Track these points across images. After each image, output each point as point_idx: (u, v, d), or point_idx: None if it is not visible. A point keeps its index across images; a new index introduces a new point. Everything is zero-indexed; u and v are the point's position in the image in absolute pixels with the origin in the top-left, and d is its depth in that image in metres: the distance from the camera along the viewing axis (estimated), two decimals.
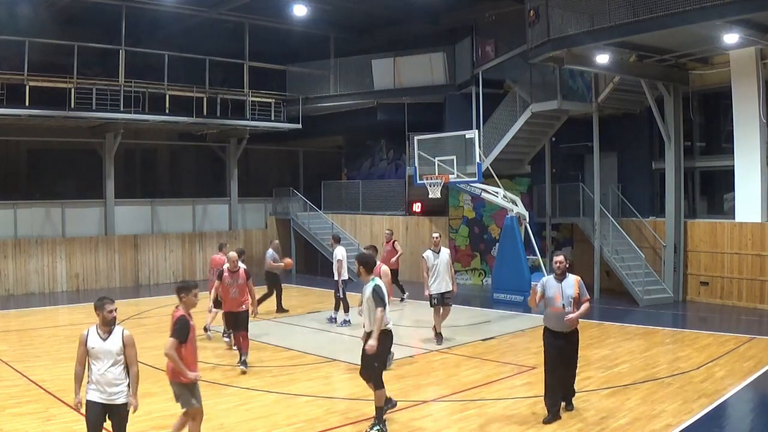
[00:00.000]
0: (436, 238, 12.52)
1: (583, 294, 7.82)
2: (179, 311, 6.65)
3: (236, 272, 10.28)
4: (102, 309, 6.06)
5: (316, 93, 23.29)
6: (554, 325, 7.82)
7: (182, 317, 6.60)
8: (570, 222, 19.71)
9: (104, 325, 5.99)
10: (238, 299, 10.22)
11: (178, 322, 6.58)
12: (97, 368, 5.80)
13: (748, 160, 15.26)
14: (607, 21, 13.56)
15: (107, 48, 20.31)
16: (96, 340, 5.90)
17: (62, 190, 21.57)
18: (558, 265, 7.85)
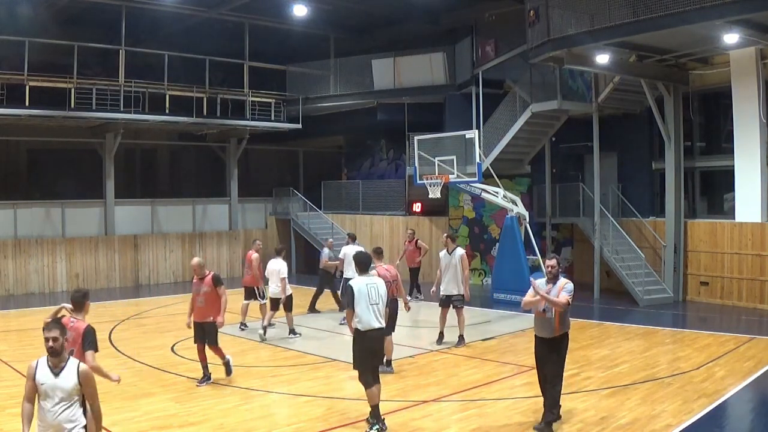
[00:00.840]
0: (445, 238, 12.48)
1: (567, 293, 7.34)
2: (82, 322, 6.07)
3: (202, 279, 9.37)
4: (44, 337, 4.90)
5: (316, 93, 23.29)
6: (538, 330, 7.60)
7: (90, 327, 6.07)
8: (570, 222, 19.71)
9: (50, 356, 4.88)
10: (204, 308, 9.28)
11: (90, 333, 5.99)
12: (47, 407, 4.85)
13: (748, 160, 15.26)
14: (607, 21, 13.56)
15: (107, 48, 20.31)
16: (46, 375, 4.87)
17: (62, 190, 21.55)
18: (549, 269, 7.54)
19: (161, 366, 10.34)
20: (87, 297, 6.30)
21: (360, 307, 7.42)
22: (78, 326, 5.98)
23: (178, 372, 9.93)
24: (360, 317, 7.43)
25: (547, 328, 7.42)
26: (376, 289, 7.54)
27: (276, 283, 12.54)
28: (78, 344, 5.86)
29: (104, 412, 7.88)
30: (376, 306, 7.50)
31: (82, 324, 6.01)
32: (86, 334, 5.92)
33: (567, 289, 7.33)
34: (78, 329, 5.94)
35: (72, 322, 6.00)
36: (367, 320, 7.43)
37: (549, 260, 7.70)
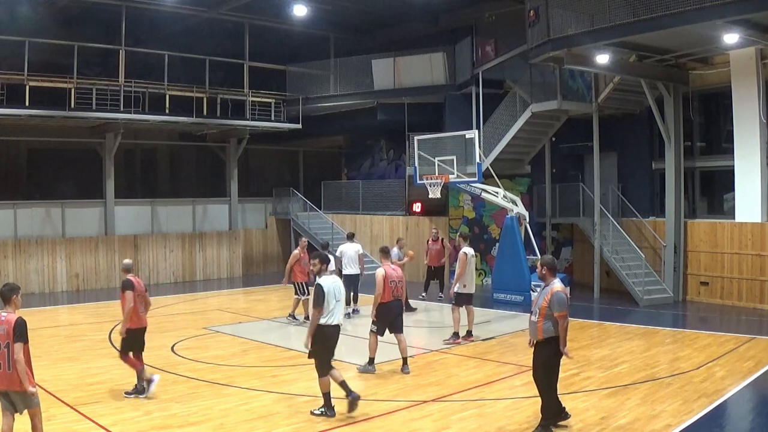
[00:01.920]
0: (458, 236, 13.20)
1: (557, 309, 7.05)
2: (14, 314, 6.08)
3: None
4: None
5: (316, 93, 23.28)
6: (528, 332, 7.58)
7: (21, 319, 6.08)
8: (570, 222, 19.72)
9: None
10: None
11: (21, 324, 6.02)
12: None
13: (748, 160, 15.27)
14: (607, 21, 13.57)
15: (107, 48, 20.32)
16: None
17: (62, 190, 21.57)
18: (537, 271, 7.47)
19: (161, 366, 10.34)
20: (14, 291, 6.24)
21: (330, 304, 7.86)
22: (10, 318, 6.05)
23: (178, 372, 9.93)
24: (332, 313, 7.87)
25: (532, 330, 7.39)
26: (339, 288, 8.06)
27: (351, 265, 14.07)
28: (11, 336, 5.97)
29: (104, 412, 7.95)
30: (340, 303, 8.01)
31: (13, 316, 6.07)
32: (17, 326, 6.01)
33: (556, 299, 7.06)
34: (10, 322, 6.02)
35: (2, 317, 6.07)
36: (336, 317, 7.95)
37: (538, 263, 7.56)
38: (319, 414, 7.88)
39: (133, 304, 8.54)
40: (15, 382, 6.00)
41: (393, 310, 9.97)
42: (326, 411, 7.88)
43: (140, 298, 8.70)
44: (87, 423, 7.60)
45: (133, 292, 8.56)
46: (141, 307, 8.71)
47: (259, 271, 24.54)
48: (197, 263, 22.43)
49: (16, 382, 5.99)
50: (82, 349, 11.68)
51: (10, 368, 5.95)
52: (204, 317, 15.39)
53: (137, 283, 8.74)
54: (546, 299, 7.16)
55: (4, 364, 5.97)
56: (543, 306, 7.17)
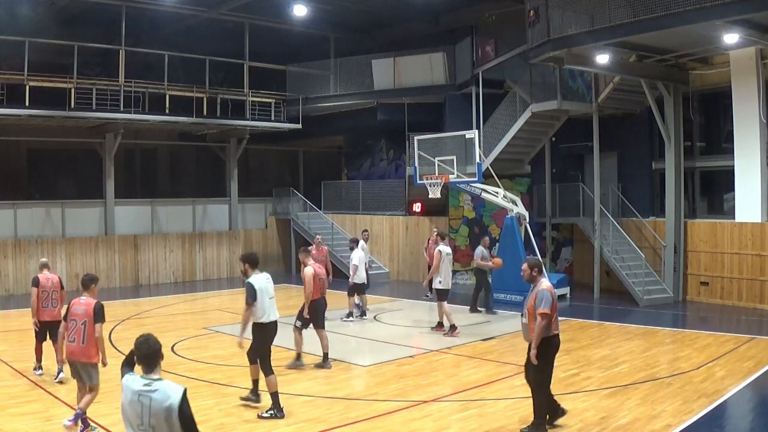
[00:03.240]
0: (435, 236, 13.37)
1: (538, 305, 7.04)
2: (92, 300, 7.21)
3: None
4: None
5: (316, 93, 23.28)
6: (523, 335, 7.56)
7: (99, 303, 7.22)
8: (570, 222, 19.72)
9: None
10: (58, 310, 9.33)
11: (100, 308, 7.16)
12: None
13: (748, 160, 15.27)
14: (607, 21, 13.57)
15: (107, 48, 20.31)
16: None
17: (62, 190, 21.57)
18: (522, 273, 7.40)
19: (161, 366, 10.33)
20: (93, 281, 7.40)
21: (264, 302, 8.06)
22: (88, 302, 7.18)
23: (178, 372, 9.92)
24: (265, 311, 8.08)
25: (524, 332, 7.38)
26: (271, 286, 8.30)
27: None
28: (89, 317, 7.08)
29: (104, 412, 7.95)
30: (273, 300, 8.26)
31: (92, 301, 7.18)
32: (96, 309, 7.12)
33: (542, 298, 7.04)
34: (89, 305, 7.15)
35: (81, 300, 7.22)
36: (271, 313, 8.17)
37: (523, 264, 7.47)
38: (268, 417, 7.75)
39: (34, 298, 9.38)
40: (85, 354, 7.12)
41: (321, 307, 10.35)
42: (275, 413, 7.78)
43: (45, 293, 9.41)
44: None
45: (38, 288, 9.39)
46: (47, 302, 9.42)
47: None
48: (197, 263, 22.43)
49: (85, 355, 7.12)
50: None
51: (83, 342, 7.09)
52: (204, 317, 15.39)
53: (44, 279, 9.51)
54: (532, 298, 7.16)
55: (79, 338, 7.11)
56: (531, 306, 7.16)
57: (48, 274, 9.69)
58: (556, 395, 8.72)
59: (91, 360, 7.17)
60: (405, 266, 21.25)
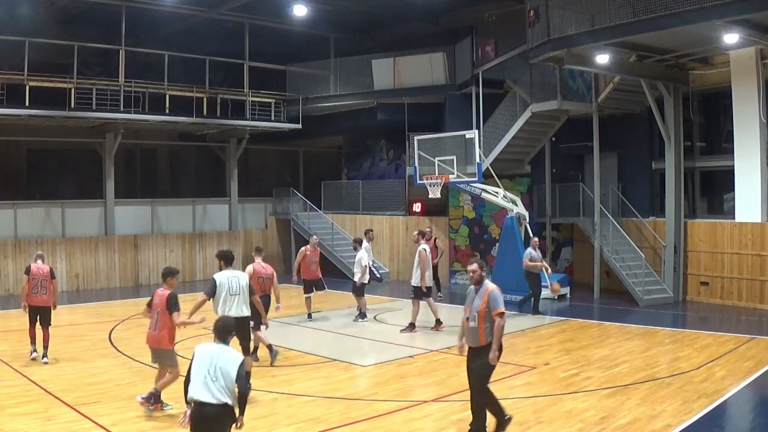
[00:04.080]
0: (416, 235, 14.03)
1: (494, 306, 6.90)
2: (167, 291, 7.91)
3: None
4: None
5: (316, 93, 23.27)
6: (466, 339, 7.25)
7: (173, 294, 7.91)
8: (570, 222, 19.71)
9: None
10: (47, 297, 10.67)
11: (173, 297, 7.83)
12: None
13: (748, 160, 15.26)
14: (607, 21, 13.57)
15: (107, 48, 20.31)
16: None
17: (62, 190, 21.54)
18: (471, 274, 7.20)
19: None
20: (171, 275, 8.14)
21: (222, 297, 8.61)
22: (164, 293, 7.89)
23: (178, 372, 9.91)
24: (222, 306, 8.59)
25: (472, 336, 7.11)
26: (238, 283, 8.77)
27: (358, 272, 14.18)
28: (163, 307, 7.80)
29: (104, 412, 7.96)
30: (238, 297, 8.73)
31: (167, 293, 7.88)
32: (169, 300, 7.80)
33: (494, 298, 6.92)
34: (164, 296, 7.85)
35: (159, 291, 7.99)
36: (229, 309, 8.60)
37: (470, 265, 7.25)
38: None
39: (24, 284, 10.58)
40: (157, 341, 7.87)
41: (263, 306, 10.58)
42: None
43: (34, 281, 10.47)
44: (87, 423, 7.60)
45: (28, 276, 10.51)
46: (36, 289, 10.48)
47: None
48: (197, 263, 22.42)
49: (157, 341, 7.86)
50: (82, 349, 11.69)
51: (155, 329, 7.85)
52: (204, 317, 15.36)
53: (36, 269, 10.60)
54: (483, 300, 6.95)
55: (153, 325, 7.88)
56: (482, 308, 6.95)
57: (40, 264, 10.78)
58: (557, 395, 8.74)
59: (160, 345, 7.87)
60: (405, 266, 21.20)
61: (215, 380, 5.40)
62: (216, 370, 5.45)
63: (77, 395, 8.67)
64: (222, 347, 5.71)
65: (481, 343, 7.02)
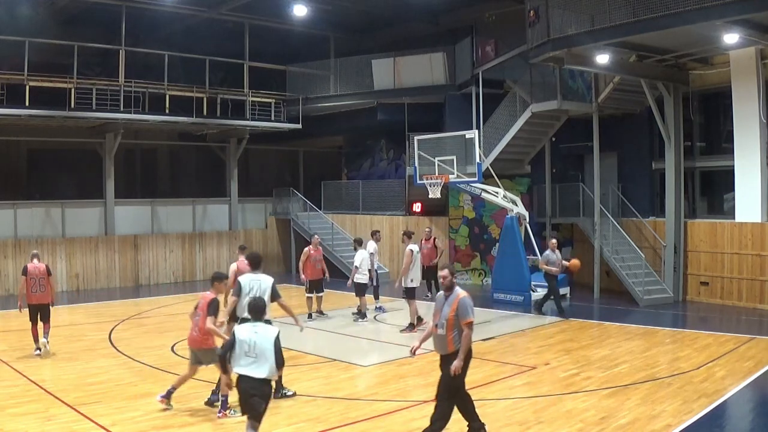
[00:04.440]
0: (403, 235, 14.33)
1: (463, 315, 6.72)
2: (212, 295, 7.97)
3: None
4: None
5: (316, 93, 23.27)
6: (434, 346, 7.10)
7: (216, 299, 7.95)
8: (570, 222, 19.71)
9: None
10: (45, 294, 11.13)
11: (214, 302, 7.86)
12: None
13: (748, 160, 15.26)
14: (607, 21, 13.57)
15: (107, 48, 20.31)
16: None
17: (62, 190, 21.55)
18: (441, 280, 7.02)
19: (161, 366, 10.35)
20: (218, 279, 8.26)
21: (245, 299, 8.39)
22: (207, 296, 7.95)
23: (178, 372, 9.90)
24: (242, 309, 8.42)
25: (440, 344, 6.95)
26: (259, 284, 8.56)
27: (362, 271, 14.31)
28: (204, 310, 7.82)
29: (104, 412, 7.96)
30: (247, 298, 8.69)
31: (210, 296, 7.94)
32: (209, 304, 7.83)
33: (463, 306, 6.76)
34: (206, 299, 7.91)
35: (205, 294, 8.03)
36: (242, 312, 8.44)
37: (441, 270, 7.08)
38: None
39: (22, 285, 10.92)
40: (200, 342, 7.95)
41: None
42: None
43: (31, 281, 10.85)
44: (87, 423, 7.61)
45: (26, 276, 10.86)
46: (35, 288, 10.89)
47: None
48: (197, 263, 22.43)
49: (201, 342, 7.95)
50: (82, 349, 11.68)
51: (196, 331, 7.90)
52: None
53: (33, 268, 10.95)
54: (453, 308, 6.78)
55: (194, 327, 7.98)
56: (451, 316, 6.78)
57: (36, 263, 11.10)
58: (557, 395, 8.74)
59: (204, 345, 7.95)
60: None
61: (255, 356, 6.22)
62: (255, 347, 6.23)
63: (77, 395, 8.67)
64: (258, 325, 6.40)
65: (448, 350, 6.84)
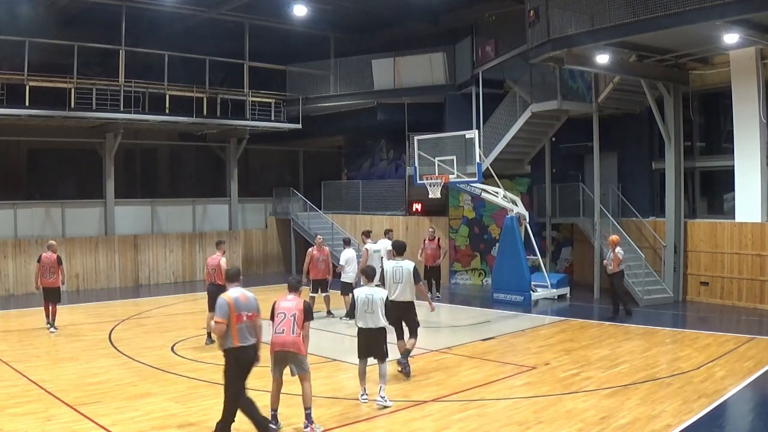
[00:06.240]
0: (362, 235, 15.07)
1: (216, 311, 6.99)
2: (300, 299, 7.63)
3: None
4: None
5: (316, 93, 23.27)
6: None
7: (308, 302, 7.81)
8: (570, 222, 19.71)
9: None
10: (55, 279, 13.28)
11: (309, 307, 7.62)
12: None
13: (748, 160, 15.27)
14: (607, 21, 13.57)
15: (107, 48, 20.30)
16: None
17: (62, 190, 21.55)
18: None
19: (161, 366, 10.34)
20: (300, 284, 8.14)
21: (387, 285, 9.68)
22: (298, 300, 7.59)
23: (178, 372, 9.93)
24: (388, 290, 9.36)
25: None
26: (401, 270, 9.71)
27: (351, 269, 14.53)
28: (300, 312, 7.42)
29: (104, 412, 7.96)
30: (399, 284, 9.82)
31: (301, 300, 7.58)
32: (306, 308, 7.50)
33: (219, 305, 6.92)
34: (299, 302, 7.54)
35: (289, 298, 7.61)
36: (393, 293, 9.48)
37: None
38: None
39: (36, 271, 13.31)
40: (294, 345, 7.36)
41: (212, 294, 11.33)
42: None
43: (44, 268, 13.10)
44: (87, 423, 7.60)
45: (39, 264, 13.18)
46: (47, 274, 13.10)
47: (259, 272, 24.55)
48: (197, 263, 22.41)
49: (295, 346, 7.36)
50: (82, 349, 11.68)
51: (293, 333, 7.33)
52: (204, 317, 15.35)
53: (45, 258, 13.14)
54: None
55: (288, 330, 7.36)
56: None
57: (49, 254, 13.22)
58: (557, 395, 8.74)
59: (300, 351, 7.39)
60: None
61: (372, 312, 8.27)
62: (371, 303, 8.28)
63: (77, 395, 8.67)
64: (372, 288, 8.44)
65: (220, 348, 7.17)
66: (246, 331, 6.92)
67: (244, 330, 6.89)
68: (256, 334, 7.05)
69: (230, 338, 6.82)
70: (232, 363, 6.88)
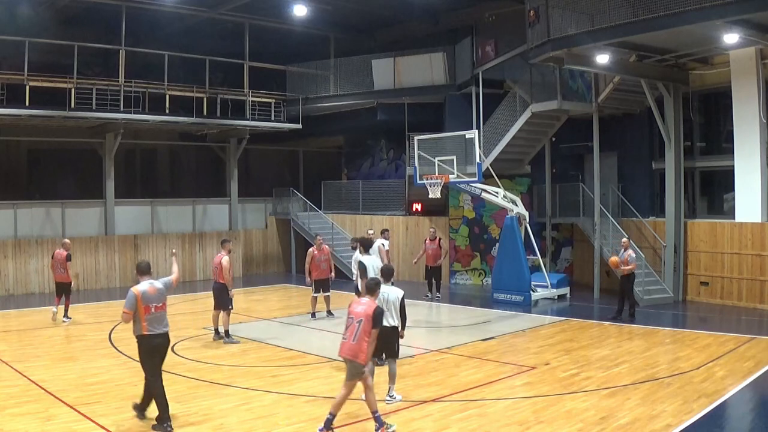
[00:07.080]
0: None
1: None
2: (374, 303, 7.38)
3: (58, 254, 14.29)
4: None
5: (316, 93, 23.28)
6: None
7: (380, 308, 7.42)
8: (570, 222, 19.71)
9: None
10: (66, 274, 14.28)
11: (379, 313, 7.32)
12: None
13: (748, 160, 15.27)
14: (607, 21, 13.57)
15: (107, 48, 20.30)
16: None
17: (62, 190, 21.55)
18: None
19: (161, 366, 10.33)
20: (379, 286, 7.82)
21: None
22: (370, 304, 7.35)
23: (178, 372, 9.93)
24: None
25: None
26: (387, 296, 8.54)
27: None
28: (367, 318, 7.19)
29: (104, 412, 7.96)
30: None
31: (373, 305, 7.34)
32: (376, 314, 7.25)
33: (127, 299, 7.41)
34: (370, 306, 7.29)
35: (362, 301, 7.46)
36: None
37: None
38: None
39: (51, 266, 14.58)
40: (354, 352, 7.17)
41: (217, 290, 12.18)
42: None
43: (55, 263, 14.20)
44: (87, 423, 7.60)
45: (53, 260, 14.32)
46: (58, 270, 14.17)
47: (259, 271, 24.56)
48: (197, 263, 22.42)
49: (351, 353, 7.18)
50: (82, 349, 11.68)
51: (354, 340, 7.17)
52: (204, 317, 15.36)
53: (57, 254, 14.21)
54: None
55: (351, 336, 7.21)
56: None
57: (61, 250, 14.24)
58: (557, 395, 8.75)
59: (356, 358, 7.16)
60: (405, 266, 21.20)
61: (388, 310, 8.16)
62: (386, 303, 8.18)
63: (77, 395, 8.67)
64: (389, 287, 8.37)
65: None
66: (155, 321, 7.44)
67: (152, 320, 7.41)
68: (166, 323, 7.61)
69: (139, 327, 7.40)
70: (142, 348, 7.52)
